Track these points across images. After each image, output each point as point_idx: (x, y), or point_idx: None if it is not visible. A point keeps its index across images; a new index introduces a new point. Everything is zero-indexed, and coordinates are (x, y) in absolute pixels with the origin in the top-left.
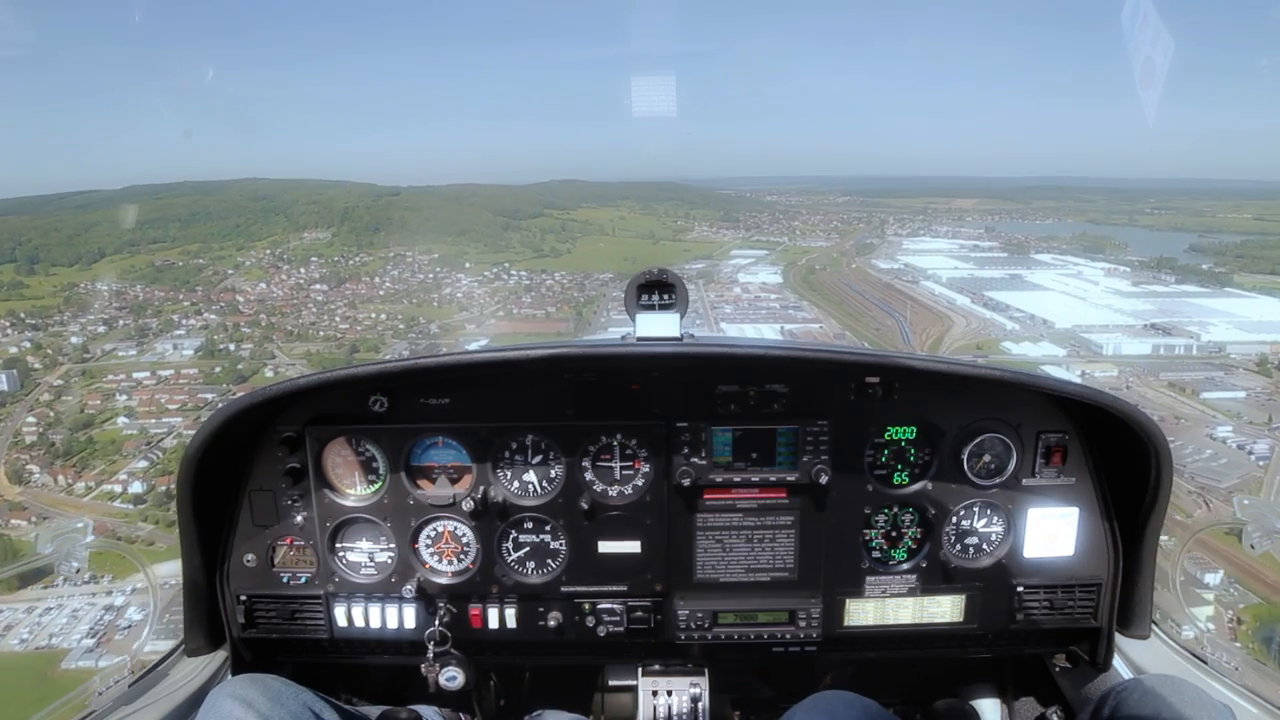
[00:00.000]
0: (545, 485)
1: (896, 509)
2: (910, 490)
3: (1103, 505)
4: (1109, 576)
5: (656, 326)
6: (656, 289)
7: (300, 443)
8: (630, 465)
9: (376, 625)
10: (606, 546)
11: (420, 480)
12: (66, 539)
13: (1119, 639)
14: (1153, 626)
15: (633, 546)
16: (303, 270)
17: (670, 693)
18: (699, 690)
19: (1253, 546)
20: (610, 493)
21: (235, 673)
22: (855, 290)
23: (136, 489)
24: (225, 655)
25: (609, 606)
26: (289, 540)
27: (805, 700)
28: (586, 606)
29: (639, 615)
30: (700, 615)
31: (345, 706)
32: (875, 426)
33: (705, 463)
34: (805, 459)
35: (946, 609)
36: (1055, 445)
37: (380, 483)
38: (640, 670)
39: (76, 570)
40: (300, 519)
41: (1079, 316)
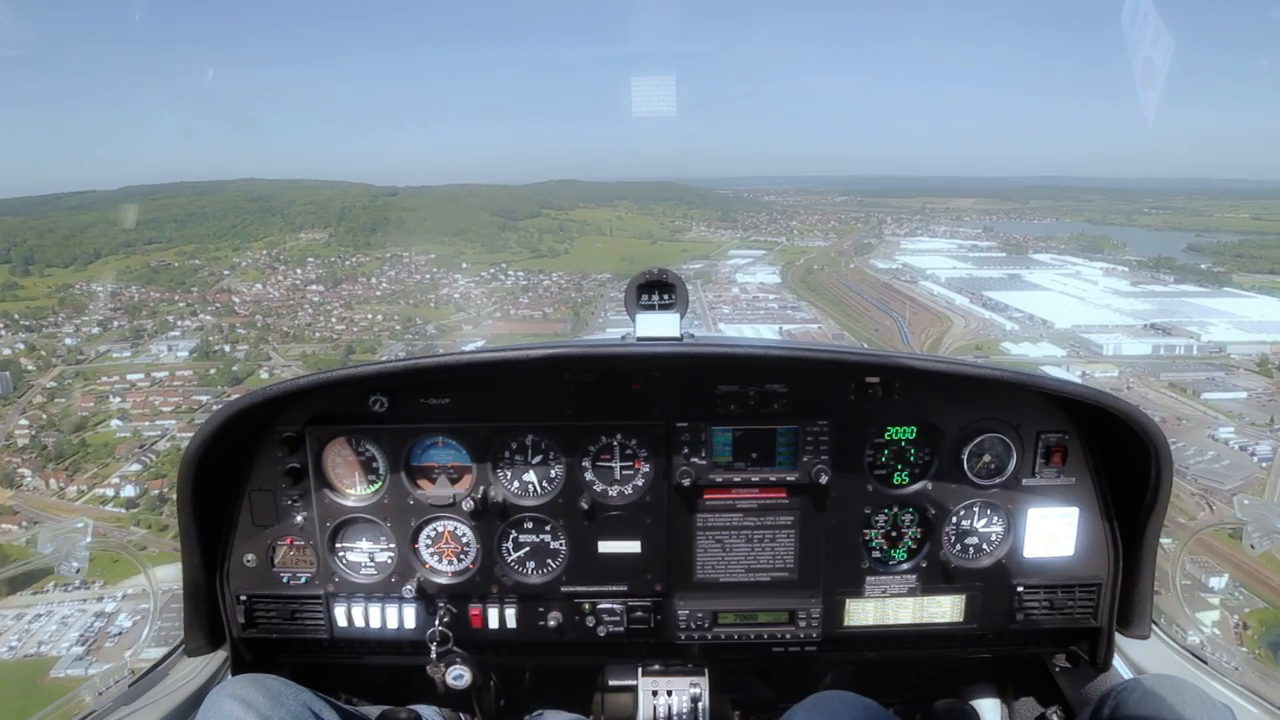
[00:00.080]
0: (545, 485)
1: (896, 509)
2: (910, 490)
3: (1103, 505)
4: (1109, 576)
5: (656, 326)
6: (656, 289)
7: (300, 443)
8: (630, 465)
9: (376, 625)
10: (606, 546)
11: (420, 480)
12: (66, 539)
13: (1119, 639)
14: (1153, 626)
15: (633, 546)
16: (299, 271)
17: (670, 693)
18: (699, 690)
19: (1253, 546)
20: (610, 493)
21: (235, 673)
22: (853, 290)
23: (129, 493)
24: (225, 655)
25: (609, 606)
26: (289, 540)
27: (805, 700)
28: (586, 606)
29: (639, 615)
30: (700, 615)
31: (345, 706)
32: (875, 426)
33: (705, 463)
34: (805, 459)
35: (946, 609)
36: (1055, 445)
37: (380, 483)
38: (640, 670)
39: (76, 570)
40: (300, 519)
41: (1078, 316)
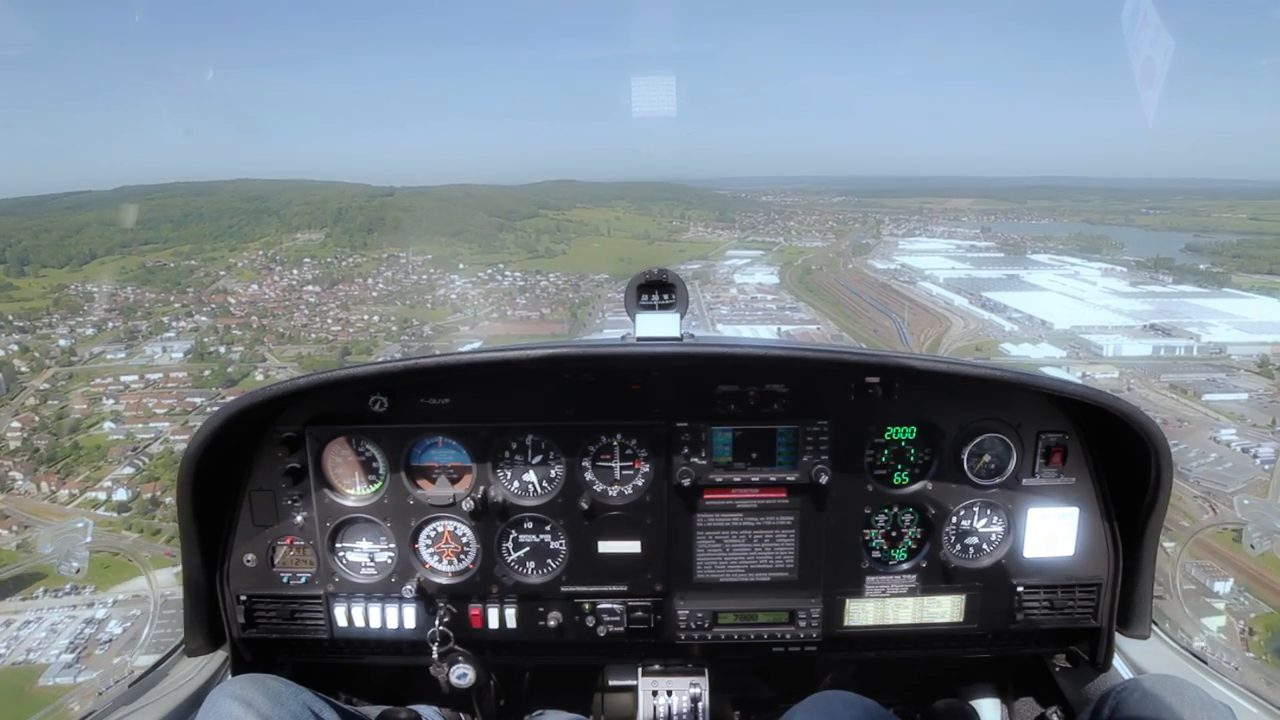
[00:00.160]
0: (545, 485)
1: (896, 509)
2: (910, 490)
3: (1103, 505)
4: (1109, 576)
5: (656, 326)
6: (657, 289)
7: (300, 443)
8: (630, 465)
9: (376, 625)
10: (606, 546)
11: (420, 480)
12: (67, 539)
13: (1119, 639)
14: (1153, 626)
15: (633, 546)
16: (295, 271)
17: (670, 693)
18: (699, 690)
19: (1253, 546)
20: (610, 493)
21: (235, 673)
22: (852, 291)
23: (121, 496)
24: (225, 655)
25: (609, 606)
26: (289, 540)
27: (805, 700)
28: (586, 606)
29: (639, 615)
30: (700, 615)
31: (345, 706)
32: (875, 426)
33: (705, 463)
34: (805, 459)
35: (946, 609)
36: (1055, 445)
37: (380, 483)
38: (640, 670)
39: (76, 570)
40: (300, 519)
41: (1077, 317)
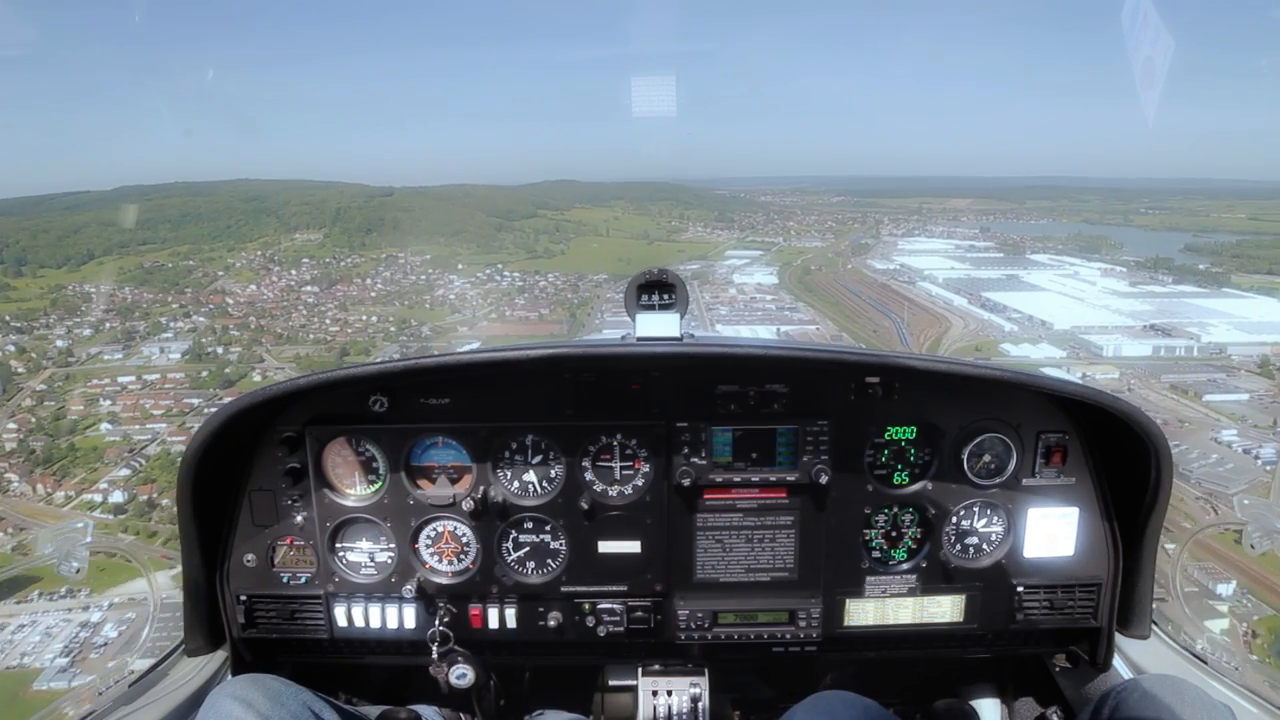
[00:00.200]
0: (545, 485)
1: (896, 509)
2: (910, 490)
3: (1103, 505)
4: (1109, 576)
5: (657, 326)
6: (657, 289)
7: (300, 443)
8: (630, 465)
9: (376, 625)
10: (606, 546)
11: (420, 480)
12: (67, 539)
13: (1119, 639)
14: (1153, 627)
15: (633, 546)
16: (294, 272)
17: (670, 693)
18: (699, 690)
19: (1253, 546)
20: (610, 493)
21: (235, 673)
22: (851, 291)
23: (117, 498)
24: (225, 655)
25: (609, 606)
26: (289, 540)
27: (805, 700)
28: (586, 606)
29: (639, 615)
30: (700, 615)
31: (345, 706)
32: (875, 426)
33: (705, 463)
34: (805, 459)
35: (946, 609)
36: (1055, 445)
37: (380, 483)
38: (640, 670)
39: (76, 571)
40: (300, 519)
41: (1077, 317)
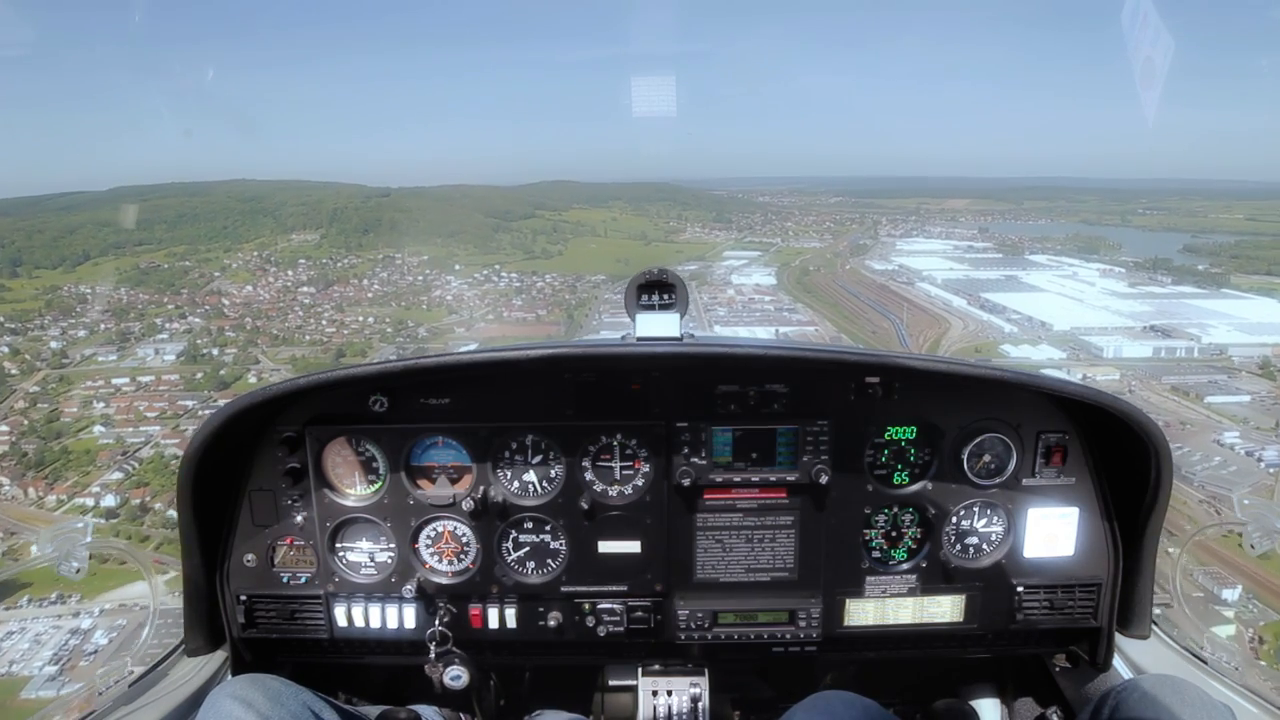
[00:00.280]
0: (545, 485)
1: (896, 509)
2: (910, 490)
3: (1103, 505)
4: (1109, 576)
5: (656, 326)
6: (657, 289)
7: (300, 443)
8: (630, 465)
9: (376, 625)
10: (606, 546)
11: (420, 480)
12: (67, 539)
13: (1119, 639)
14: (1153, 626)
15: (633, 546)
16: (290, 273)
17: (670, 693)
18: (699, 690)
19: (1253, 546)
20: (610, 493)
21: (235, 673)
22: (850, 292)
23: (109, 502)
24: (225, 655)
25: (609, 606)
26: (289, 540)
27: (805, 700)
28: (586, 606)
29: (639, 615)
30: (700, 615)
31: (345, 706)
32: (875, 426)
33: (705, 463)
34: (805, 459)
35: (946, 609)
36: (1055, 445)
37: (380, 483)
38: (640, 670)
39: (76, 571)
40: (300, 519)
41: (1077, 318)
